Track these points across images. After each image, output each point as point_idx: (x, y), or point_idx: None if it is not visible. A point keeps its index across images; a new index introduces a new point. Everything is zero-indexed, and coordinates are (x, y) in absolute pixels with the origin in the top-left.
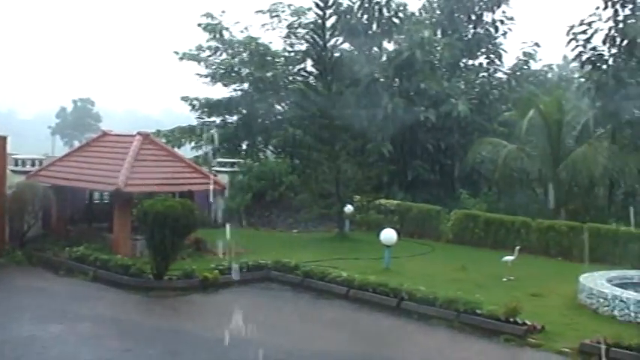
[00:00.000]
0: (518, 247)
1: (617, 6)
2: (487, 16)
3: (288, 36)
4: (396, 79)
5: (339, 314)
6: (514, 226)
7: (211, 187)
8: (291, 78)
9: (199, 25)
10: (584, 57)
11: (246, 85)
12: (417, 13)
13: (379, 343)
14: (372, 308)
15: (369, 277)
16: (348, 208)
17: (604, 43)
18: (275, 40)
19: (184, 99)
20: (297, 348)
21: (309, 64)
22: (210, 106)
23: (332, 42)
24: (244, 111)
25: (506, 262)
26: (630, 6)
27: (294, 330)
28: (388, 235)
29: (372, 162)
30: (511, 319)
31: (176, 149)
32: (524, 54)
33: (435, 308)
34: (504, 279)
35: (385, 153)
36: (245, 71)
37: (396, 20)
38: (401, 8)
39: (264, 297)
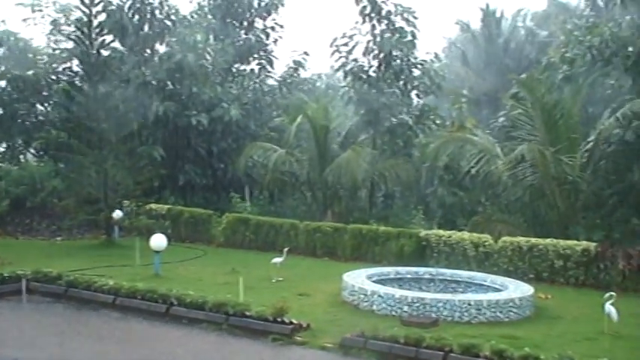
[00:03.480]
0: (286, 249)
1: (374, 21)
2: (259, 23)
3: (52, 33)
4: (168, 82)
5: (105, 324)
6: (283, 228)
7: None
8: (55, 77)
9: None
10: (347, 67)
11: (3, 83)
12: (190, 17)
13: (147, 350)
14: (140, 315)
15: (138, 284)
16: (117, 214)
17: (364, 55)
18: (38, 36)
19: None
20: None
21: (75, 64)
22: None
23: (99, 41)
24: (1, 111)
25: (276, 264)
26: (385, 22)
27: (53, 343)
28: (158, 240)
29: (142, 166)
30: (279, 319)
31: None
32: (295, 62)
33: (204, 312)
34: (273, 280)
35: (157, 157)
36: (1, 68)
37: (168, 22)
38: (173, 11)
39: (21, 310)
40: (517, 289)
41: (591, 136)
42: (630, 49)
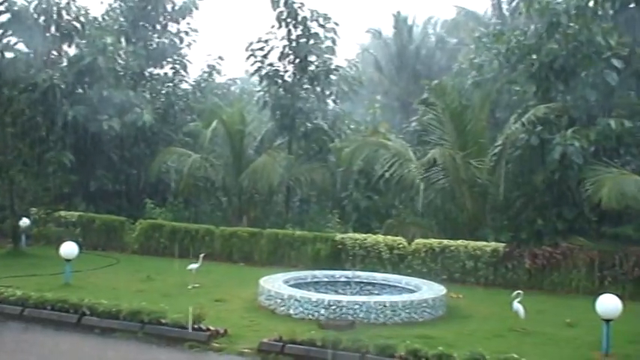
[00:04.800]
0: (202, 255)
1: (290, 26)
2: (172, 27)
3: None
4: (78, 86)
5: (12, 337)
6: (198, 234)
7: None
8: None
9: None
10: (263, 72)
11: None
12: (100, 19)
13: None
14: (50, 327)
15: (47, 294)
16: (24, 222)
17: (280, 59)
18: None
19: None
20: None
21: None
22: None
23: (3, 43)
24: None
25: (191, 270)
26: (301, 27)
27: None
28: (68, 248)
29: (51, 172)
30: (195, 326)
31: None
32: (209, 66)
33: (118, 321)
34: (190, 287)
35: (66, 162)
36: None
37: (76, 24)
38: (82, 12)
39: None
40: (430, 290)
41: (499, 140)
42: (534, 56)
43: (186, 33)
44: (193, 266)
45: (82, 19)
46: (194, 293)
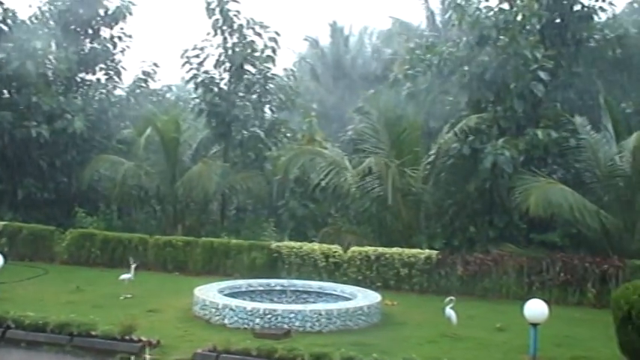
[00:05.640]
0: (135, 265)
1: (226, 34)
2: (105, 32)
3: None
4: (4, 91)
5: None
6: (132, 243)
7: None
8: None
9: None
10: (199, 79)
11: None
12: (29, 22)
13: None
14: None
15: None
16: None
17: (215, 67)
18: None
19: None
20: None
21: None
22: None
23: None
24: None
25: (124, 280)
26: (237, 35)
27: None
28: None
29: None
30: (127, 337)
31: None
32: (144, 73)
33: (45, 334)
34: (122, 297)
35: None
36: None
37: (4, 27)
38: (10, 14)
39: None
40: (365, 298)
41: (432, 149)
42: (466, 68)
43: (120, 38)
44: (126, 276)
45: (9, 21)
46: (126, 304)
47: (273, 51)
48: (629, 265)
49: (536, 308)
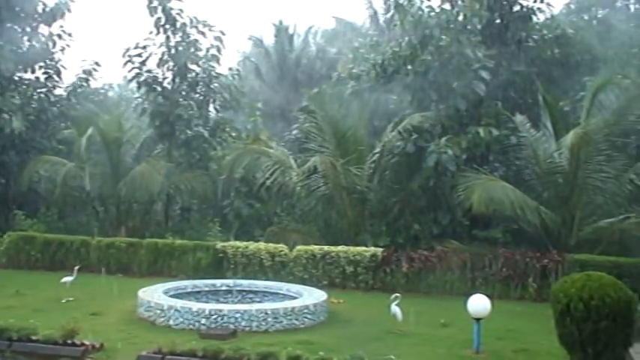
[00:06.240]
0: (77, 267)
1: (169, 33)
2: (44, 29)
3: None
4: None
5: None
6: (73, 245)
7: None
8: None
9: None
10: (141, 78)
11: None
12: None
13: None
14: None
15: None
16: None
17: (158, 66)
18: None
19: None
20: None
21: None
22: None
23: None
24: None
25: (65, 283)
26: (180, 34)
27: None
28: None
29: None
30: (69, 341)
31: None
32: (85, 72)
33: None
34: (64, 300)
35: None
36: None
37: None
38: None
39: None
40: (311, 296)
41: (377, 148)
42: (409, 67)
43: (59, 36)
44: (68, 279)
45: None
46: (68, 307)
47: (218, 50)
48: (568, 259)
49: (479, 303)
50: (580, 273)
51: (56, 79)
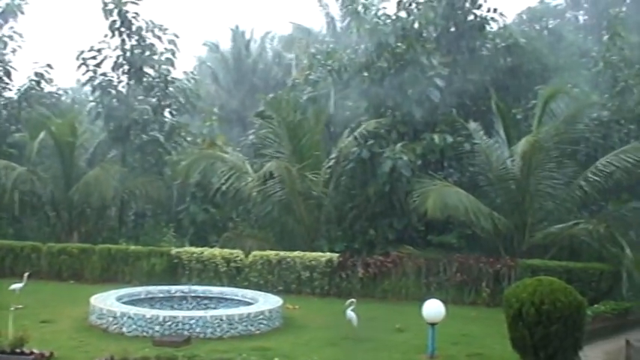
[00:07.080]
0: (27, 274)
1: (124, 36)
2: None
3: None
4: None
5: None
6: (23, 251)
7: None
8: None
9: None
10: (96, 82)
11: None
12: None
13: None
14: None
15: None
16: None
17: (113, 69)
18: None
19: None
20: None
21: None
22: None
23: None
24: None
25: (15, 290)
26: (136, 37)
27: None
28: None
29: None
30: (18, 350)
31: None
32: (36, 74)
33: None
34: (12, 308)
35: None
36: None
37: None
38: None
39: None
40: (267, 302)
41: (333, 153)
42: (365, 74)
43: (11, 38)
44: (17, 286)
45: None
46: (17, 315)
47: (173, 54)
48: (520, 264)
49: (433, 308)
50: (532, 278)
51: (6, 80)
